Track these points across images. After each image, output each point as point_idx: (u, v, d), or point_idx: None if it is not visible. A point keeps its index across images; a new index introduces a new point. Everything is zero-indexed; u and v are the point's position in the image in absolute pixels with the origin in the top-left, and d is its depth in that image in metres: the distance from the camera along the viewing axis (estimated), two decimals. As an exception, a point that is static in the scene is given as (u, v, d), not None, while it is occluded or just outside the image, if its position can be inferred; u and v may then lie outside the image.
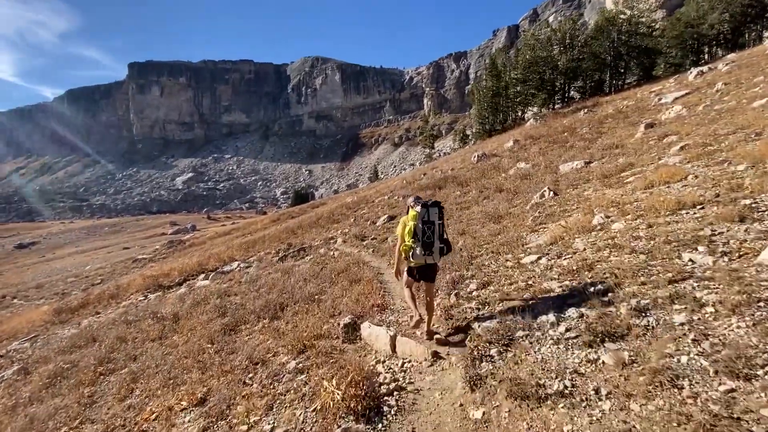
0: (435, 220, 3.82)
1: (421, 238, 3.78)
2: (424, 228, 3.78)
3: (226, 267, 13.06)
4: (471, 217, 8.74)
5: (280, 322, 5.82)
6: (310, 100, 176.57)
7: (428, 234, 3.78)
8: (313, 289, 6.94)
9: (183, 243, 47.96)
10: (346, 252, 10.08)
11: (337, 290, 6.44)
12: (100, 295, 15.60)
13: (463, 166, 19.98)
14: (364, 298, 5.54)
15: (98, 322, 10.54)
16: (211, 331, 6.25)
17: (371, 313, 5.00)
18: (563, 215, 6.16)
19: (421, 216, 3.80)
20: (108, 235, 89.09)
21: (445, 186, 14.78)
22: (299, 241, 14.85)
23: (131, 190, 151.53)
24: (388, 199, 17.37)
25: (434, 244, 3.79)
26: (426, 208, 3.82)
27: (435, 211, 3.84)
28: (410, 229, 3.85)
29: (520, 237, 5.76)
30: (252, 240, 19.83)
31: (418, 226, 3.79)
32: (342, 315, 5.10)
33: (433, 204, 3.88)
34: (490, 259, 5.56)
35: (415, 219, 3.82)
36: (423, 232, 3.78)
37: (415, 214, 3.84)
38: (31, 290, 41.47)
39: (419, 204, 3.90)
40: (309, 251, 11.51)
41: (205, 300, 8.68)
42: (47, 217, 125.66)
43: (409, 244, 3.86)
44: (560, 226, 5.13)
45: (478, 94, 36.16)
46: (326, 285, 7.13)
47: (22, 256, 75.41)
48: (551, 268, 4.48)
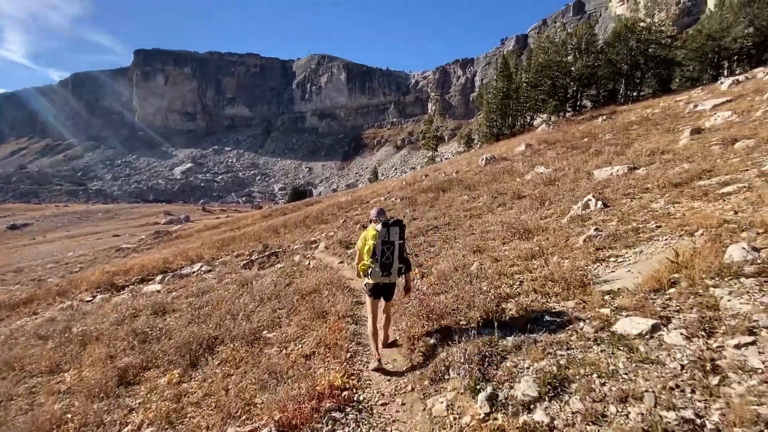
0: (395, 240, 3.64)
1: (380, 258, 3.60)
2: (383, 249, 3.60)
3: (187, 269, 11.08)
4: (486, 229, 6.78)
5: (196, 373, 3.85)
6: (314, 98, 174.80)
7: (387, 255, 3.61)
8: (265, 318, 4.99)
9: (169, 234, 45.86)
10: (324, 262, 8.12)
11: (293, 328, 4.49)
12: (49, 290, 13.59)
13: (469, 169, 18.06)
14: (323, 353, 3.56)
15: (19, 330, 8.50)
16: (107, 377, 4.25)
17: (321, 411, 2.80)
18: (639, 237, 4.17)
19: (381, 236, 3.61)
20: (101, 221, 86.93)
21: (449, 189, 12.82)
22: (277, 242, 12.88)
23: (129, 177, 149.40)
24: (384, 201, 15.40)
25: (393, 265, 3.63)
26: (387, 228, 3.63)
27: (396, 230, 3.66)
28: (369, 248, 3.65)
29: (576, 269, 3.75)
30: (231, 237, 17.86)
31: (377, 246, 3.60)
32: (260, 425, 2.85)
33: (394, 223, 3.69)
34: (537, 305, 3.58)
35: (375, 238, 3.63)
36: (382, 252, 3.60)
37: (375, 233, 3.65)
38: (10, 274, 39.27)
39: (380, 222, 3.69)
40: (282, 257, 9.54)
41: (134, 316, 6.70)
42: (43, 199, 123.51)
43: (367, 263, 3.66)
44: (666, 260, 3.04)
45: (487, 96, 34.21)
46: (283, 313, 5.16)
47: (14, 237, 73.19)
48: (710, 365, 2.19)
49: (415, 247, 7.06)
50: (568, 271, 3.72)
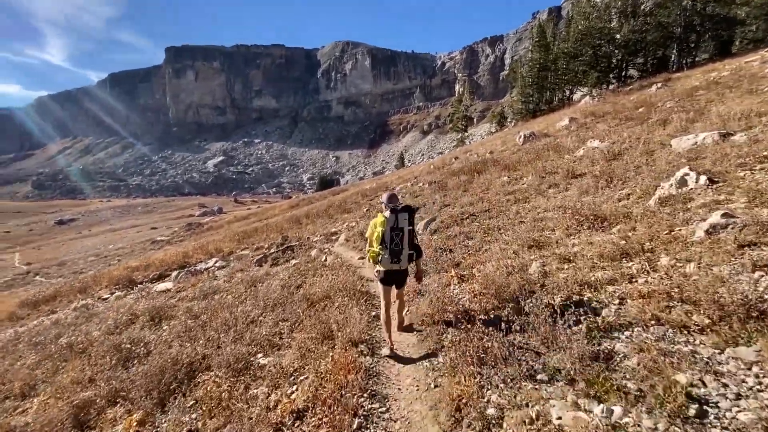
0: (404, 226, 3.52)
1: (389, 245, 3.48)
2: (392, 235, 3.49)
3: (202, 264, 10.38)
4: (539, 216, 5.41)
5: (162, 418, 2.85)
6: (339, 86, 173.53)
7: (396, 241, 3.49)
8: (264, 333, 3.96)
9: (201, 226, 46.84)
10: (343, 258, 7.04)
11: (292, 353, 3.40)
12: (72, 287, 13.43)
13: (505, 148, 16.35)
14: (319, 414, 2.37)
15: (25, 333, 8.04)
16: (64, 414, 3.35)
17: None
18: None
19: (389, 222, 3.49)
20: (140, 214, 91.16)
21: (485, 170, 11.33)
22: (298, 234, 11.95)
23: (165, 171, 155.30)
24: (411, 187, 14.10)
25: (402, 252, 3.51)
26: (395, 214, 3.51)
27: (404, 216, 3.54)
28: (378, 235, 3.51)
29: (719, 280, 2.30)
30: (254, 228, 17.23)
31: (386, 233, 3.48)
32: None
33: (403, 209, 3.56)
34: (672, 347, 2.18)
35: (384, 225, 3.50)
36: (391, 239, 3.48)
37: (384, 219, 3.52)
38: (54, 267, 41.54)
39: (389, 208, 3.57)
40: (298, 251, 8.54)
41: (131, 321, 5.91)
42: (88, 195, 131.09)
43: (376, 250, 3.53)
44: None
45: (521, 70, 31.53)
46: (286, 327, 4.10)
47: (61, 232, 78.23)
48: None
49: (448, 240, 5.80)
50: (705, 285, 2.33)
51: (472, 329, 2.82)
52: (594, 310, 2.77)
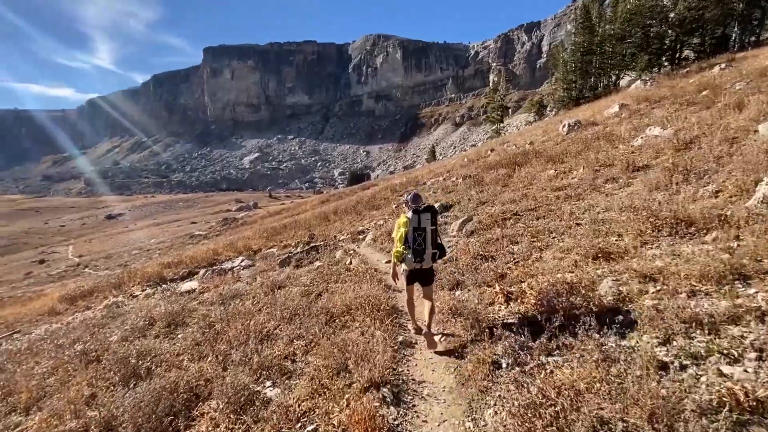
0: (427, 226, 3.56)
1: (411, 245, 3.54)
2: (415, 235, 3.53)
3: (228, 263, 10.16)
4: (599, 217, 4.51)
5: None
6: (370, 80, 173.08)
7: (419, 241, 3.53)
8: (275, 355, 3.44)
9: (236, 221, 48.09)
10: (369, 261, 6.44)
11: (303, 386, 2.83)
12: (108, 283, 13.76)
13: (547, 138, 15.12)
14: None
15: (52, 333, 8.08)
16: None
17: None
18: None
19: (412, 222, 3.55)
20: (182, 209, 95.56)
21: (526, 163, 10.33)
22: (325, 231, 11.51)
23: (205, 168, 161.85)
24: (443, 181, 13.27)
25: (425, 251, 3.54)
26: (417, 215, 3.56)
27: (426, 216, 3.57)
28: (402, 235, 3.56)
29: None
30: (284, 225, 17.07)
31: (409, 233, 3.54)
32: None
33: (425, 209, 3.60)
34: None
35: (406, 225, 3.56)
36: (414, 239, 3.53)
37: (406, 220, 3.57)
38: (101, 260, 44.12)
39: (411, 209, 3.62)
40: (323, 252, 8.03)
41: (150, 324, 5.65)
42: (134, 191, 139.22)
43: (400, 250, 3.58)
44: None
45: (563, 55, 29.36)
46: (300, 347, 3.54)
47: (110, 225, 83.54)
48: None
49: (488, 245, 5.03)
50: None
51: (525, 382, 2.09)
52: (720, 371, 1.93)
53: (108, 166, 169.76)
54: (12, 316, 13.90)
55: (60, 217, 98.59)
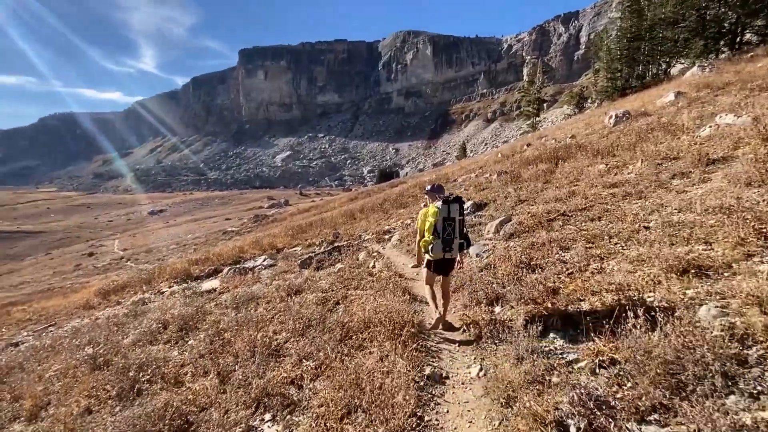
0: (456, 216, 3.60)
1: (441, 234, 3.58)
2: (445, 225, 3.57)
3: (251, 262, 9.91)
4: (672, 219, 3.66)
5: None
6: (399, 77, 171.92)
7: (449, 231, 3.57)
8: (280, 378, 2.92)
9: (267, 218, 48.99)
10: (393, 265, 5.85)
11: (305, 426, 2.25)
12: (140, 278, 13.99)
13: (591, 131, 13.88)
14: None
15: (78, 329, 8.07)
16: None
17: None
18: None
19: (442, 212, 3.59)
20: (217, 206, 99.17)
21: (569, 157, 9.35)
22: (350, 230, 11.04)
23: (239, 166, 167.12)
24: (475, 178, 12.43)
25: (454, 241, 3.59)
26: (447, 205, 3.60)
27: (456, 207, 3.61)
28: (430, 225, 3.62)
29: None
30: (310, 222, 16.80)
31: (439, 223, 3.59)
32: None
33: (454, 200, 3.64)
34: None
35: (436, 215, 3.60)
36: (443, 229, 3.57)
37: (436, 210, 3.61)
38: (142, 254, 46.26)
39: (440, 199, 3.66)
40: (346, 253, 7.51)
41: (157, 334, 5.35)
42: (174, 188, 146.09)
43: (429, 239, 3.63)
44: None
45: (606, 42, 27.25)
46: (309, 369, 3.02)
47: (152, 221, 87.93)
48: None
49: (532, 251, 4.28)
50: None
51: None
52: None
53: (151, 164, 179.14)
54: (53, 307, 14.50)
55: (108, 212, 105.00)
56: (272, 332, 4.19)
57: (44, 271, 47.68)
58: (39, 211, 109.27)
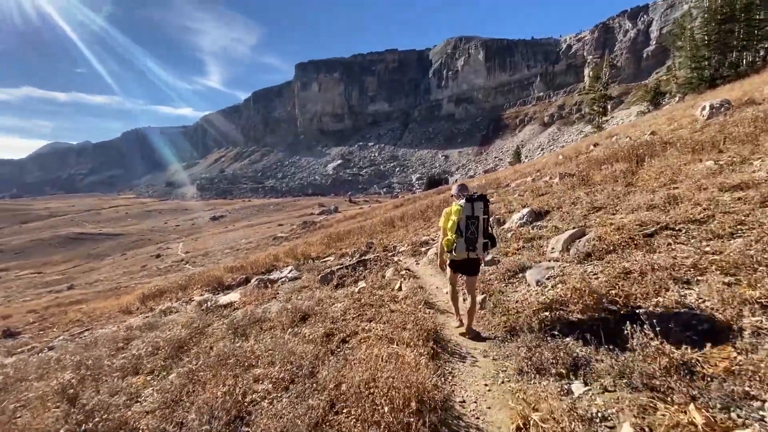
0: (480, 215, 3.50)
1: (464, 233, 3.50)
2: (468, 223, 3.49)
3: (277, 273, 9.15)
4: None
5: None
6: (450, 83, 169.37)
7: (472, 230, 3.49)
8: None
9: (314, 224, 49.53)
10: (424, 289, 4.60)
11: None
12: (177, 285, 13.96)
13: (676, 126, 11.59)
14: None
15: (100, 337, 7.73)
16: None
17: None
18: None
19: (465, 211, 3.50)
20: (272, 212, 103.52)
21: (654, 155, 7.47)
22: (384, 240, 9.92)
23: (294, 174, 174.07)
24: (532, 182, 10.72)
25: (478, 240, 3.49)
26: (471, 203, 3.51)
27: (480, 205, 3.51)
28: (453, 224, 3.55)
29: None
30: (348, 230, 15.98)
31: (462, 221, 3.50)
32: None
33: (478, 198, 3.55)
34: None
35: (459, 213, 3.52)
36: (467, 227, 3.49)
37: (459, 208, 3.53)
38: (200, 257, 48.83)
39: (463, 197, 3.58)
40: (372, 268, 6.38)
41: (144, 359, 4.57)
42: (235, 195, 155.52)
43: (452, 238, 3.54)
44: None
45: (690, 27, 23.56)
46: None
47: (214, 226, 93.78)
48: None
49: (624, 282, 2.82)
50: None
51: None
52: None
53: (215, 173, 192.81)
54: (101, 310, 14.98)
55: (176, 217, 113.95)
56: (252, 379, 3.15)
57: (117, 270, 52.00)
58: (119, 216, 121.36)
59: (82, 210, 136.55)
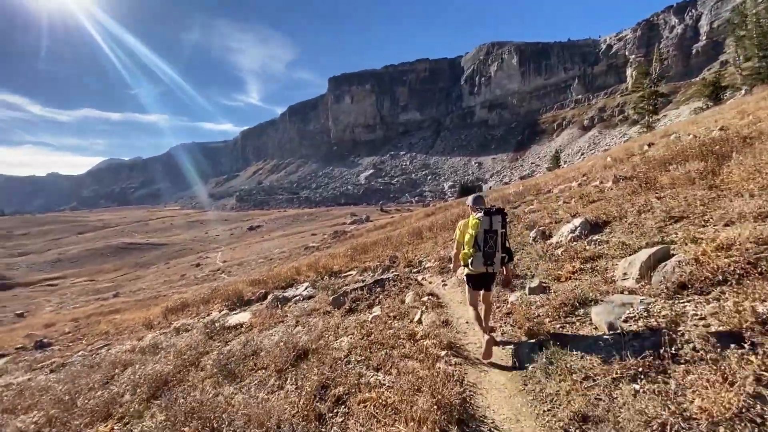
0: (498, 228, 3.41)
1: (482, 247, 3.41)
2: (486, 237, 3.40)
3: (292, 290, 8.43)
4: None
5: None
6: (483, 90, 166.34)
7: (490, 244, 3.39)
8: None
9: (345, 234, 49.24)
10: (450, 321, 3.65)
11: None
12: (200, 298, 13.70)
13: (752, 120, 9.88)
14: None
15: (102, 361, 7.30)
16: None
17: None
18: None
19: (483, 224, 3.41)
20: (306, 222, 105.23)
21: (734, 151, 6.07)
22: (410, 253, 8.98)
23: (327, 185, 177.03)
24: (578, 188, 9.40)
25: (496, 255, 3.41)
26: (489, 216, 3.42)
27: (498, 219, 3.42)
28: (471, 238, 3.46)
29: None
30: (373, 242, 15.19)
31: (480, 235, 3.42)
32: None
33: (497, 211, 3.46)
34: None
35: (476, 227, 3.43)
36: (485, 241, 3.40)
37: (477, 221, 3.44)
38: (235, 266, 49.87)
39: (481, 210, 3.50)
40: (390, 290, 5.46)
41: (101, 406, 3.89)
42: (271, 206, 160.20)
43: (469, 252, 3.47)
44: None
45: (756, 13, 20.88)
46: None
47: (251, 236, 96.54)
48: None
49: None
50: None
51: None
52: None
53: (253, 185, 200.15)
54: (129, 322, 15.03)
55: (216, 228, 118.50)
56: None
57: (159, 279, 54.14)
58: (165, 226, 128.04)
59: (132, 221, 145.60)
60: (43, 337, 14.87)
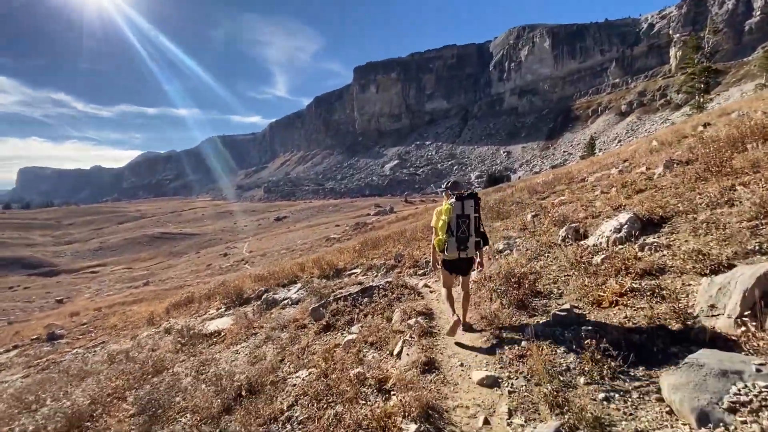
0: (470, 213, 3.46)
1: (455, 232, 3.46)
2: (459, 222, 3.45)
3: (282, 292, 7.57)
4: None
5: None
6: (513, 75, 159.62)
7: (463, 228, 3.45)
8: None
9: (366, 225, 48.53)
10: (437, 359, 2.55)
11: None
12: (204, 294, 13.21)
13: None
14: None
15: (113, 356, 6.74)
16: None
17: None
18: None
19: (455, 209, 3.46)
20: (330, 213, 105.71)
21: None
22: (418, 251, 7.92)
23: (352, 176, 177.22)
24: (619, 175, 7.94)
25: (469, 239, 3.46)
26: (461, 201, 3.46)
27: (470, 203, 3.47)
28: (444, 224, 3.52)
29: None
30: (386, 236, 14.19)
31: (452, 220, 3.46)
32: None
33: (469, 196, 3.50)
34: None
35: (449, 213, 3.48)
36: (457, 226, 3.45)
37: (449, 207, 3.48)
38: (258, 257, 50.38)
39: (453, 196, 3.52)
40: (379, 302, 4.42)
41: None
42: (297, 197, 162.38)
43: (443, 238, 3.52)
44: None
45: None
46: None
47: (277, 226, 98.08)
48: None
49: None
50: None
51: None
52: None
53: (281, 176, 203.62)
54: (138, 314, 14.86)
55: (244, 218, 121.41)
56: None
57: (189, 268, 55.63)
58: (196, 217, 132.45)
59: (167, 212, 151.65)
60: (58, 329, 14.93)
